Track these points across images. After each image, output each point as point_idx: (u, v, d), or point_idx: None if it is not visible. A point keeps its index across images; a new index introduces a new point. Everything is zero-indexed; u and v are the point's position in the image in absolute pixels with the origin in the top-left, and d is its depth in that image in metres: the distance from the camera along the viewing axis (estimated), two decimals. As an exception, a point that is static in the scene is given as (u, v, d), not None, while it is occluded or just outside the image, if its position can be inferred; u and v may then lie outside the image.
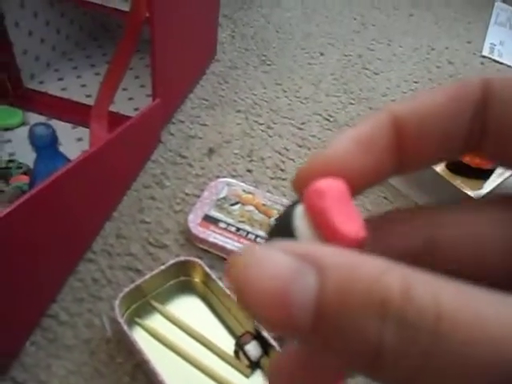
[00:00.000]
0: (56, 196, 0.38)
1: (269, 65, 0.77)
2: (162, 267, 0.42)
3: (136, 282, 0.41)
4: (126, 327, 0.38)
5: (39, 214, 0.36)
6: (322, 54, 0.83)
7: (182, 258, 0.44)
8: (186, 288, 0.44)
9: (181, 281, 0.44)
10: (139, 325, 0.41)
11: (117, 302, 0.39)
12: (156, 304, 0.42)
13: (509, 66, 0.89)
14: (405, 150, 0.12)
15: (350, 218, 0.10)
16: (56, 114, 0.59)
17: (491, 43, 0.97)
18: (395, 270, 0.09)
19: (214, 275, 0.43)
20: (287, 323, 0.09)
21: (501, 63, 0.90)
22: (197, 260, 0.44)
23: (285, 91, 0.72)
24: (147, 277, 0.41)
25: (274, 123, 0.65)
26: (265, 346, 0.39)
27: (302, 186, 0.11)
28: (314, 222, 0.10)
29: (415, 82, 0.80)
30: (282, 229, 0.10)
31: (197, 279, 0.44)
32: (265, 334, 0.39)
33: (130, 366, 0.39)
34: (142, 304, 0.42)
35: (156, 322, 0.41)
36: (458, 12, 1.07)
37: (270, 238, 0.10)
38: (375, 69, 0.81)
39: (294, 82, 0.74)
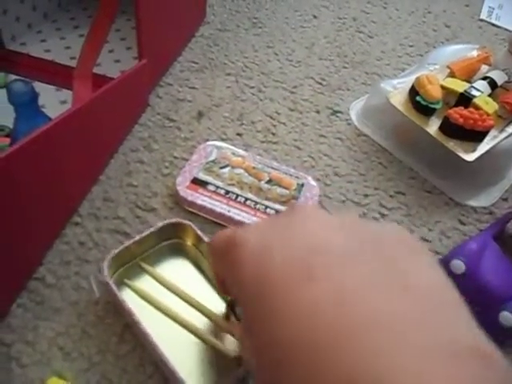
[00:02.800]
0: (37, 155, 0.36)
1: (260, 27, 0.75)
2: (152, 229, 0.42)
3: (125, 244, 0.40)
4: (114, 287, 0.37)
5: (20, 174, 0.35)
6: (315, 17, 0.80)
7: (173, 220, 0.43)
8: (177, 250, 0.43)
9: (172, 243, 0.43)
10: (129, 286, 0.40)
11: (105, 263, 0.38)
12: (146, 266, 0.42)
13: (506, 30, 0.87)
14: None
15: None
16: (39, 75, 0.57)
17: (490, 6, 0.94)
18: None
19: (205, 238, 0.42)
20: None
21: (498, 27, 0.88)
22: (188, 222, 0.43)
23: (276, 54, 0.70)
24: (137, 238, 0.41)
25: (265, 87, 0.64)
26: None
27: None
28: None
29: (411, 46, 0.78)
30: None
31: (188, 242, 0.43)
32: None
33: (118, 327, 0.38)
34: (131, 266, 0.42)
35: (146, 283, 0.41)
36: (457, -26, 1.03)
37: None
38: (370, 32, 0.79)
39: (286, 45, 0.72)
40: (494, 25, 0.88)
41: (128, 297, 0.39)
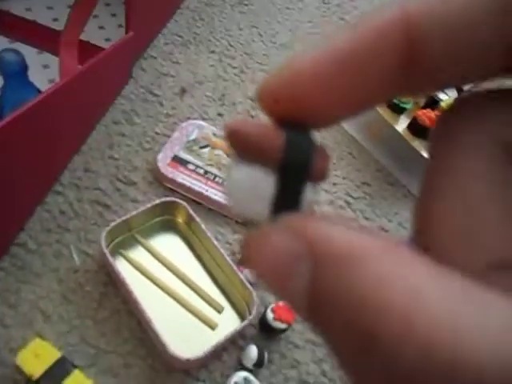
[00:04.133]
0: (26, 127, 0.37)
1: (246, 5, 0.75)
2: (149, 205, 0.44)
3: (122, 218, 0.42)
4: (111, 258, 0.40)
5: (9, 144, 0.36)
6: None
7: (168, 199, 0.45)
8: (169, 226, 0.46)
9: (165, 219, 0.46)
10: (123, 256, 0.43)
11: (103, 234, 0.40)
12: (140, 238, 0.44)
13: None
14: (418, 68, 0.09)
15: None
16: (20, 36, 0.56)
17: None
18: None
19: (197, 218, 0.44)
20: (288, 300, 0.09)
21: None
22: (181, 202, 0.45)
23: (261, 35, 0.71)
24: (134, 213, 0.43)
25: (248, 68, 0.65)
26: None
27: (267, 103, 0.10)
28: None
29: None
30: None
31: (180, 219, 0.46)
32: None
33: (97, 294, 0.41)
34: (126, 237, 0.44)
35: (138, 254, 0.43)
36: None
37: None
38: (353, 20, 0.81)
39: (271, 26, 0.73)
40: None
41: (121, 266, 0.42)
